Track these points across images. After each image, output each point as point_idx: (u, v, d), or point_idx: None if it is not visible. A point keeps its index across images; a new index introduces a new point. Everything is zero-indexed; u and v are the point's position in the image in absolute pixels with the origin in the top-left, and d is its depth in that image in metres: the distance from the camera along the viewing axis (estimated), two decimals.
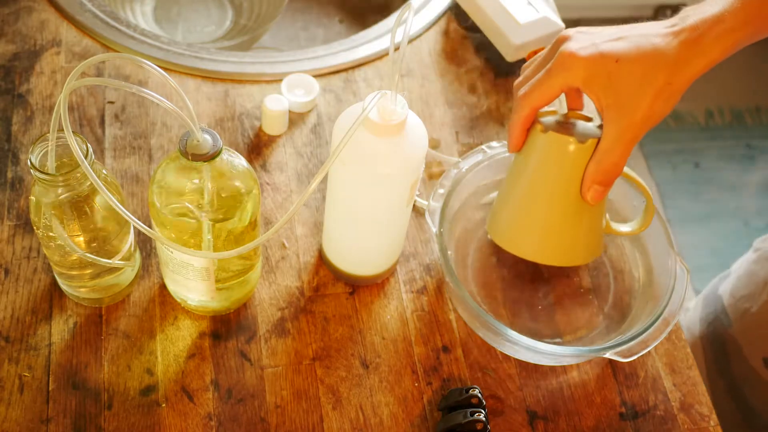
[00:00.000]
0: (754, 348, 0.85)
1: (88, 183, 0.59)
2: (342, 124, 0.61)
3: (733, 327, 0.87)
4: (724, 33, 0.59)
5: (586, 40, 0.61)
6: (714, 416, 0.70)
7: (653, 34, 0.60)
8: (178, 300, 0.70)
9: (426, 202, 0.78)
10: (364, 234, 0.69)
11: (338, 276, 0.74)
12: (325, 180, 0.70)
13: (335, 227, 0.70)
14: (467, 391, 0.65)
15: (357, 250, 0.71)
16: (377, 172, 0.61)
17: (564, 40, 0.62)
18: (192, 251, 0.59)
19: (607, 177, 0.62)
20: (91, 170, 0.53)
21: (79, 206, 0.60)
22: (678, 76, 0.59)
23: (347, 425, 0.67)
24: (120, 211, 0.54)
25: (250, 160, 0.80)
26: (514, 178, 0.69)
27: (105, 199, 0.62)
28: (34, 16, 0.88)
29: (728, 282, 0.92)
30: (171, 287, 0.70)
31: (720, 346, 0.89)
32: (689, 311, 0.98)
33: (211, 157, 0.56)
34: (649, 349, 0.66)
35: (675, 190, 1.93)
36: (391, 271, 0.75)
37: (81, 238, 0.62)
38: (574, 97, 0.68)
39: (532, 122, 0.65)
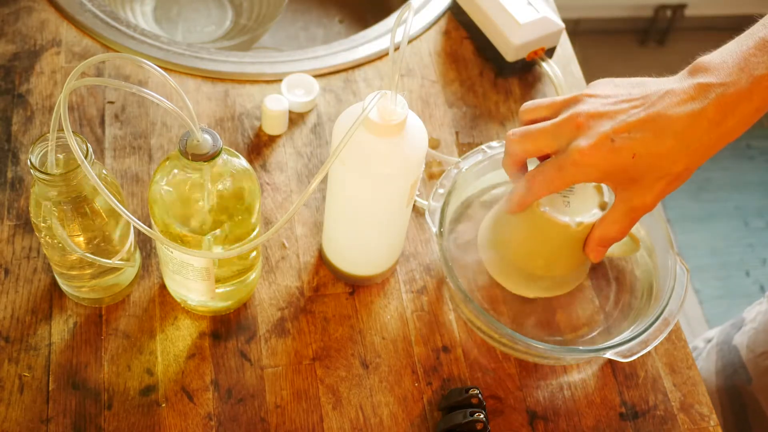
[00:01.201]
0: None
1: (88, 183, 0.59)
2: (342, 124, 0.61)
3: (753, 383, 0.85)
4: (750, 113, 0.56)
5: (598, 131, 0.57)
6: (714, 416, 0.70)
7: (675, 115, 0.56)
8: (178, 300, 0.70)
9: (426, 202, 0.78)
10: (364, 234, 0.69)
11: (338, 276, 0.74)
12: (325, 180, 0.70)
13: (335, 227, 0.70)
14: (467, 391, 0.65)
15: (357, 250, 0.71)
16: (377, 172, 0.61)
17: (576, 126, 0.59)
18: (192, 251, 0.59)
19: (611, 242, 0.64)
20: (90, 170, 0.53)
21: (79, 206, 0.60)
22: (698, 161, 0.57)
23: (347, 425, 0.67)
24: (120, 211, 0.54)
25: (250, 160, 0.80)
26: (504, 224, 0.71)
27: (105, 199, 0.62)
28: (34, 16, 0.88)
29: (744, 334, 0.89)
30: (171, 287, 0.70)
31: (738, 401, 0.87)
32: (702, 355, 0.94)
33: (211, 157, 0.56)
34: (649, 349, 0.66)
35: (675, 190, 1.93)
36: (391, 271, 0.75)
37: (81, 238, 0.62)
38: None
39: None
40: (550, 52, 0.91)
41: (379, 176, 0.61)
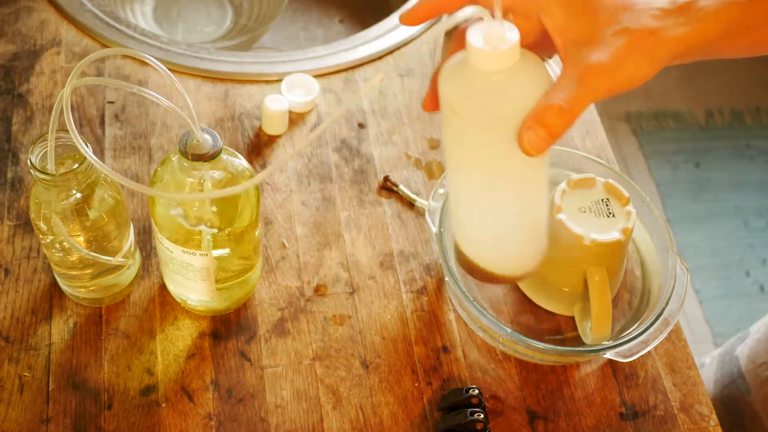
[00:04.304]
0: None
1: (88, 183, 0.59)
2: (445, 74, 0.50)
3: (752, 395, 0.83)
4: (721, 4, 0.49)
5: None
6: (714, 416, 0.70)
7: None
8: (178, 300, 0.70)
9: (426, 202, 0.78)
10: (500, 202, 0.55)
11: (486, 278, 0.60)
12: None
13: (468, 207, 0.57)
14: (467, 391, 0.65)
15: (498, 231, 0.57)
16: (498, 114, 0.49)
17: None
18: (192, 250, 0.59)
19: (553, 119, 0.48)
20: (97, 159, 0.53)
21: (79, 206, 0.60)
22: (665, 32, 0.48)
23: (347, 425, 0.67)
24: (120, 180, 0.54)
25: (250, 160, 0.80)
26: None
27: (105, 199, 0.62)
28: (34, 16, 0.88)
29: (746, 345, 0.88)
30: (171, 287, 0.70)
31: (735, 411, 0.86)
32: (704, 367, 0.93)
33: (211, 157, 0.56)
34: (649, 349, 0.66)
35: (675, 190, 1.93)
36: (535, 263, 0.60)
37: (81, 238, 0.62)
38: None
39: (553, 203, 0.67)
40: None
41: (500, 118, 0.49)
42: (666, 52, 0.49)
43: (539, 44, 0.53)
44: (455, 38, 0.52)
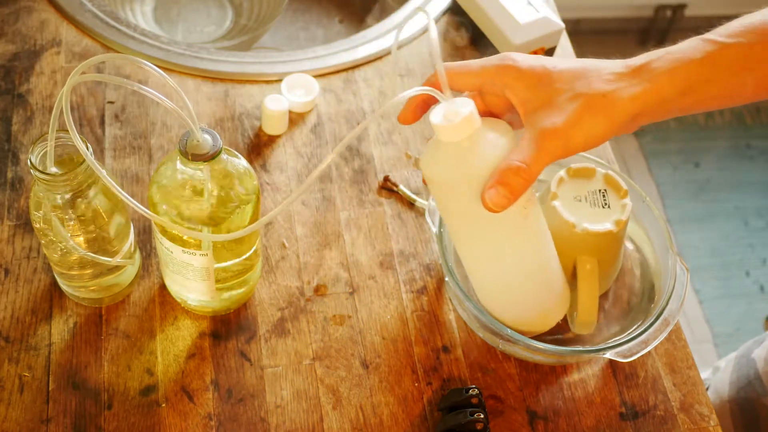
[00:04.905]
0: None
1: (88, 183, 0.59)
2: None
3: None
4: (675, 63, 0.53)
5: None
6: (714, 416, 0.70)
7: (597, 60, 0.56)
8: (178, 300, 0.70)
9: (426, 202, 0.78)
10: (497, 259, 0.61)
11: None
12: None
13: (479, 271, 0.63)
14: (467, 391, 0.65)
15: (512, 289, 0.64)
16: (464, 177, 0.55)
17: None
18: (192, 250, 0.59)
19: (512, 178, 0.53)
20: (95, 163, 0.53)
21: (79, 206, 0.60)
22: (617, 93, 0.53)
23: (347, 425, 0.67)
24: (125, 199, 0.54)
25: (250, 160, 0.80)
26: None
27: (104, 199, 0.62)
28: (34, 16, 0.89)
29: (764, 348, 0.88)
30: (171, 287, 0.70)
31: (751, 413, 0.86)
32: (719, 371, 0.94)
33: (211, 157, 0.56)
34: (649, 349, 0.66)
35: (675, 190, 1.93)
36: (561, 310, 0.67)
37: (81, 238, 0.62)
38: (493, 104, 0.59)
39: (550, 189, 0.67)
40: (550, 52, 0.91)
41: (474, 181, 0.55)
42: (620, 112, 0.53)
43: (514, 117, 0.59)
44: None
